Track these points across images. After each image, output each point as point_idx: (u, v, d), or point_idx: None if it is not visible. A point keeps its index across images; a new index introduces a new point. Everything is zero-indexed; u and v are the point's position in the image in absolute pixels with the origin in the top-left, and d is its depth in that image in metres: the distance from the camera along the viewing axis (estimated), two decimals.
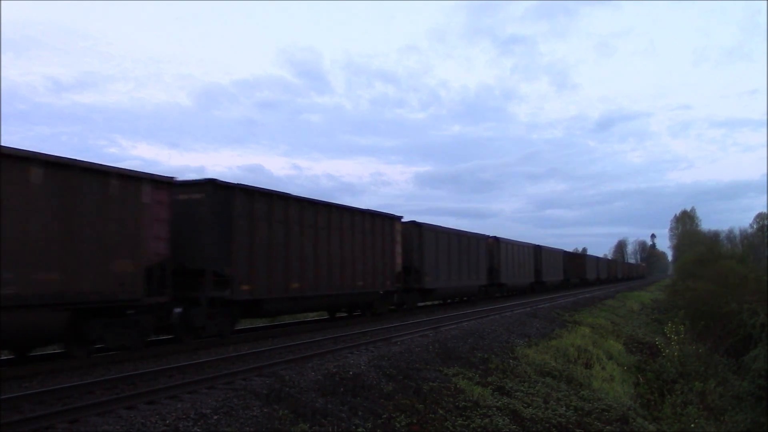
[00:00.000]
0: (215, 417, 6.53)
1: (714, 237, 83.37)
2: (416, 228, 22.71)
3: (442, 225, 25.68)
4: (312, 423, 6.92)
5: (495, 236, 32.51)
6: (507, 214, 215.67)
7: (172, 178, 11.73)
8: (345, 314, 20.45)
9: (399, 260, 20.84)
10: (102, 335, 10.35)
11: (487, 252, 30.82)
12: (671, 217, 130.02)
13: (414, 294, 22.67)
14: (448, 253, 25.22)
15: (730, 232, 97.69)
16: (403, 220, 21.58)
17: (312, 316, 21.42)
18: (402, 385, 9.22)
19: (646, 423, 11.99)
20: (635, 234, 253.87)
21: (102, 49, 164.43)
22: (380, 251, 19.32)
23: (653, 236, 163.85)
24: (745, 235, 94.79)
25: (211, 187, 12.63)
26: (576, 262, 56.47)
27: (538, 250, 40.72)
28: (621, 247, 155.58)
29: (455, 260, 26.05)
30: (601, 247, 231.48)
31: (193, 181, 12.91)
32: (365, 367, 9.76)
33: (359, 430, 7.17)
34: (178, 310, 12.00)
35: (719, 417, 15.35)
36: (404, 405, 8.30)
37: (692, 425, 13.58)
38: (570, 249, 69.88)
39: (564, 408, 10.58)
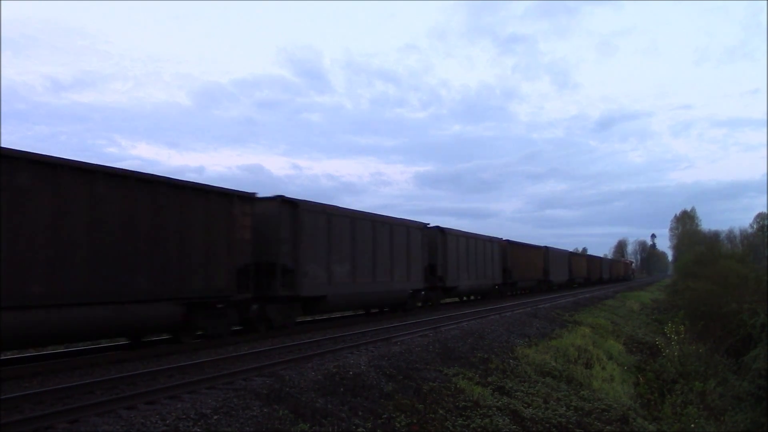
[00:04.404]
0: (215, 417, 6.53)
1: (714, 237, 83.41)
2: (509, 244, 36.10)
3: (520, 240, 39.31)
4: (312, 423, 6.91)
5: (546, 246, 44.94)
6: (507, 214, 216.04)
7: (427, 224, 24.37)
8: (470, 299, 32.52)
9: (500, 266, 34.42)
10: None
11: (543, 258, 43.55)
12: (671, 217, 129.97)
13: (508, 286, 36.58)
14: (521, 259, 38.30)
15: (730, 232, 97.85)
16: (503, 239, 35.51)
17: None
18: (402, 385, 9.22)
19: (646, 423, 11.99)
20: (635, 234, 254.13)
21: (100, 48, 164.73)
22: (493, 260, 33.20)
23: (653, 236, 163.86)
24: (745, 235, 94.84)
25: (425, 228, 24.27)
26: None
27: (568, 255, 53.96)
28: (621, 247, 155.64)
29: (525, 263, 39.01)
30: (601, 247, 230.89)
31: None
32: (365, 367, 9.75)
33: (359, 430, 7.17)
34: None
35: (719, 417, 15.34)
36: (404, 405, 8.30)
37: (692, 425, 13.58)
38: (570, 249, 68.39)
39: (564, 408, 10.58)
